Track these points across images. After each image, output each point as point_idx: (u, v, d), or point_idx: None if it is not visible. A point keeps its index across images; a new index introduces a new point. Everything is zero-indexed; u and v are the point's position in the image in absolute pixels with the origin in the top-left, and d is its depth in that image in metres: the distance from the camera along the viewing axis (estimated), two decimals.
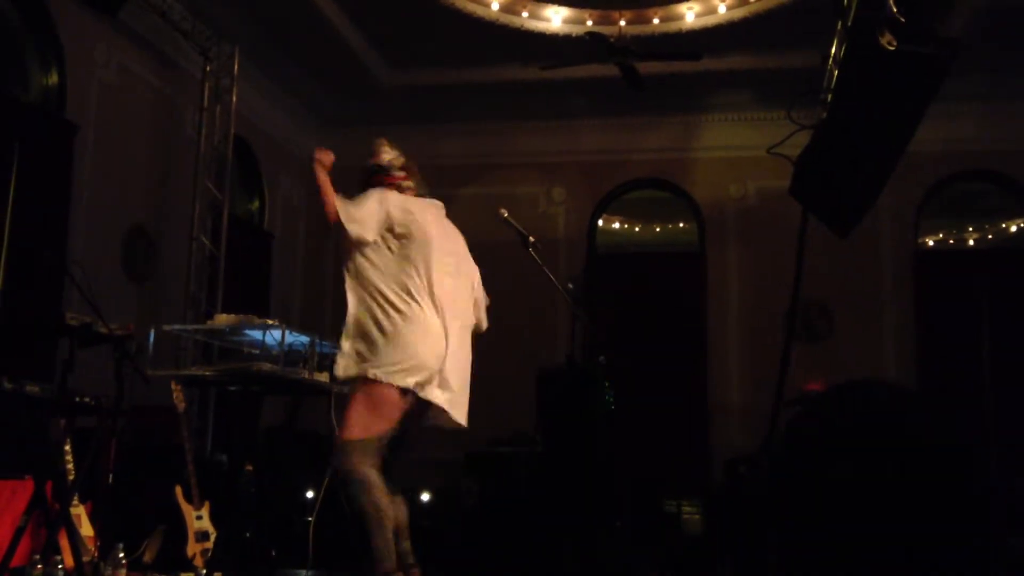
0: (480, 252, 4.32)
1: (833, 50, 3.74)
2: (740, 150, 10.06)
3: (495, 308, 4.54)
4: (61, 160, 7.09)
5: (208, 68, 8.53)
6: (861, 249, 9.02)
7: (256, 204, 10.34)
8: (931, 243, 10.56)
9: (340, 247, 4.10)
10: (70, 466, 4.71)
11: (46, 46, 7.18)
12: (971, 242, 10.76)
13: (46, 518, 4.46)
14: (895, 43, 3.06)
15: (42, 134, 6.94)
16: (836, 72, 3.64)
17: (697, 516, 7.68)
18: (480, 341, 4.60)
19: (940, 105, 3.60)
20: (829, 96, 3.75)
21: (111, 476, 5.06)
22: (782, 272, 4.93)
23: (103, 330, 4.51)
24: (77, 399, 4.53)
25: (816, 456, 3.68)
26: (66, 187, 7.12)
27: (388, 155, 4.45)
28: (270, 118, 10.14)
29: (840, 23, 3.56)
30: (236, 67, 8.57)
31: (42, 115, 7.12)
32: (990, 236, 10.61)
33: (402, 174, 4.35)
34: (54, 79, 7.24)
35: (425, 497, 8.12)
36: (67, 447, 4.69)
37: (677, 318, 10.35)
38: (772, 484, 4.02)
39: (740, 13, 8.71)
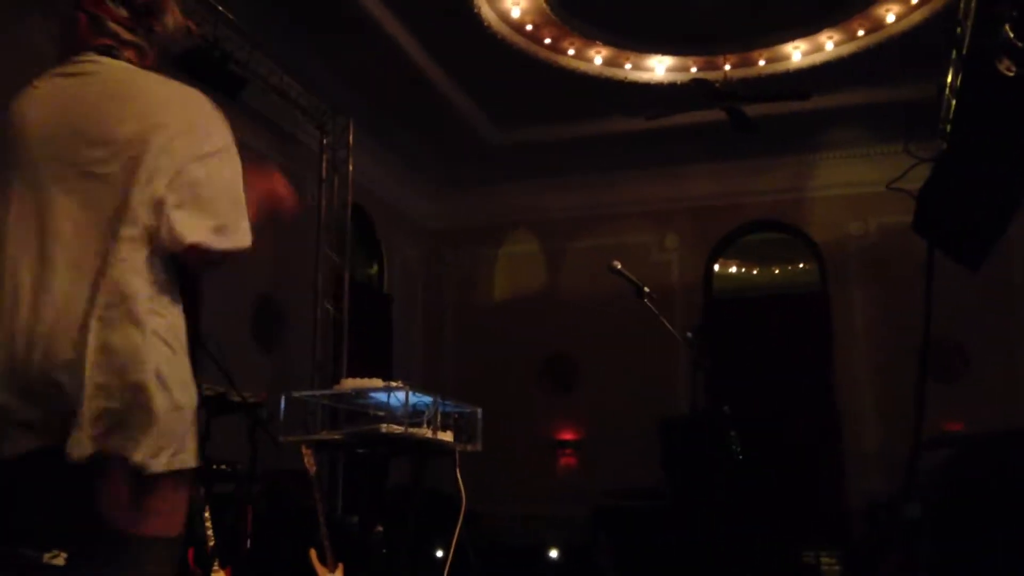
0: (594, 304, 4.32)
1: (949, 79, 3.64)
2: (858, 187, 9.84)
3: (615, 360, 4.52)
4: None
5: (325, 141, 8.85)
6: (994, 283, 8.66)
7: (375, 268, 10.60)
8: None
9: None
10: (210, 532, 4.86)
11: None
12: None
13: None
14: (1014, 69, 2.96)
15: None
16: (954, 102, 3.54)
17: (837, 567, 7.41)
18: (601, 392, 4.58)
19: None
20: (948, 127, 3.64)
21: (249, 541, 5.19)
22: (911, 310, 4.78)
23: (236, 399, 4.67)
24: (215, 467, 4.69)
25: (982, 502, 3.51)
26: None
27: None
28: (385, 184, 10.43)
29: (955, 52, 3.47)
30: (351, 138, 8.86)
31: None
32: None
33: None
34: None
35: (553, 554, 8.06)
36: (206, 513, 4.85)
37: (802, 361, 10.09)
38: (925, 530, 3.85)
39: (848, 49, 8.57)
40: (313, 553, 5.54)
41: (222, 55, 6.81)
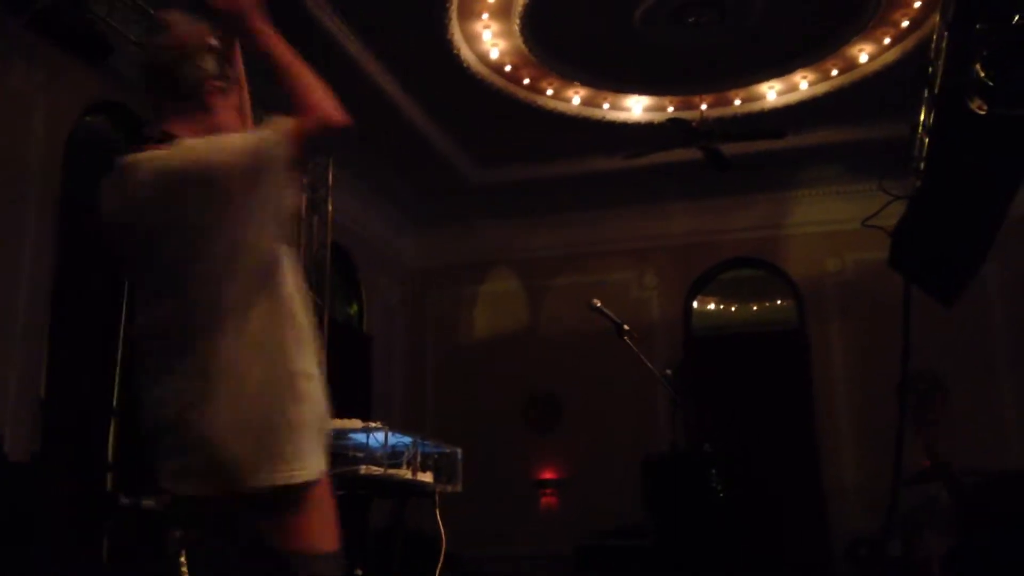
0: (575, 342, 4.30)
1: (922, 118, 3.69)
2: (834, 224, 9.92)
3: (596, 398, 4.51)
4: None
5: (304, 180, 8.85)
6: (971, 318, 8.73)
7: (355, 308, 10.57)
8: None
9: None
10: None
11: None
12: None
13: None
14: (985, 107, 3.00)
15: None
16: (927, 140, 3.58)
17: None
18: (582, 431, 4.58)
19: None
20: (921, 164, 3.69)
21: None
22: (889, 346, 4.79)
23: None
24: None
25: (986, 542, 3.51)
26: None
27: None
28: (365, 223, 10.43)
29: (927, 90, 3.52)
30: (331, 178, 8.87)
31: None
32: None
33: None
34: None
35: None
36: (182, 558, 4.77)
37: (782, 397, 10.11)
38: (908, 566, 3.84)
39: (822, 88, 8.69)
40: None
41: None
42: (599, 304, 4.79)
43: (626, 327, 4.85)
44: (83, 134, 6.80)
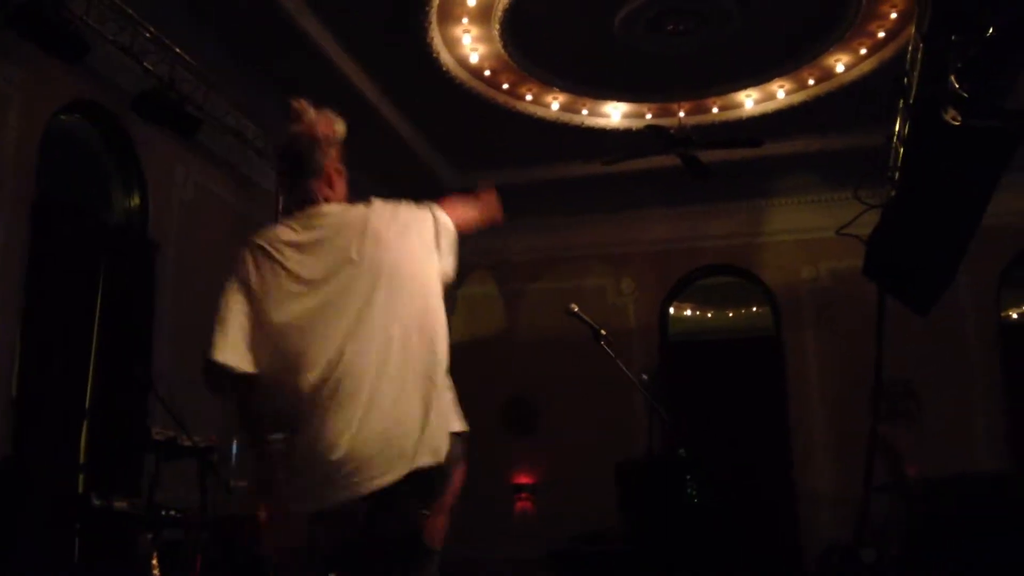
0: (552, 347, 4.30)
1: (897, 128, 3.73)
2: (810, 232, 10.00)
3: (573, 403, 4.52)
4: (144, 277, 7.32)
5: (277, 182, 8.81)
6: (943, 326, 8.80)
7: None
8: (1015, 316, 10.27)
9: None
10: None
11: (128, 169, 7.50)
12: None
13: None
14: (959, 118, 3.04)
15: (125, 253, 7.20)
16: (901, 150, 3.62)
17: None
18: (558, 436, 4.59)
19: (1015, 175, 3.55)
20: (896, 174, 3.73)
21: None
22: (863, 353, 4.84)
23: (187, 443, 4.59)
24: (164, 512, 4.60)
25: (937, 547, 3.54)
26: (149, 304, 7.34)
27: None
28: None
29: (902, 101, 3.56)
30: None
31: (125, 235, 7.39)
32: None
33: None
34: (136, 200, 7.54)
35: None
36: (154, 560, 4.74)
37: (757, 404, 10.16)
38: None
39: (799, 97, 8.75)
40: None
41: (178, 97, 6.78)
42: (576, 309, 4.78)
43: (603, 332, 4.86)
44: (58, 132, 6.75)
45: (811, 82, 8.54)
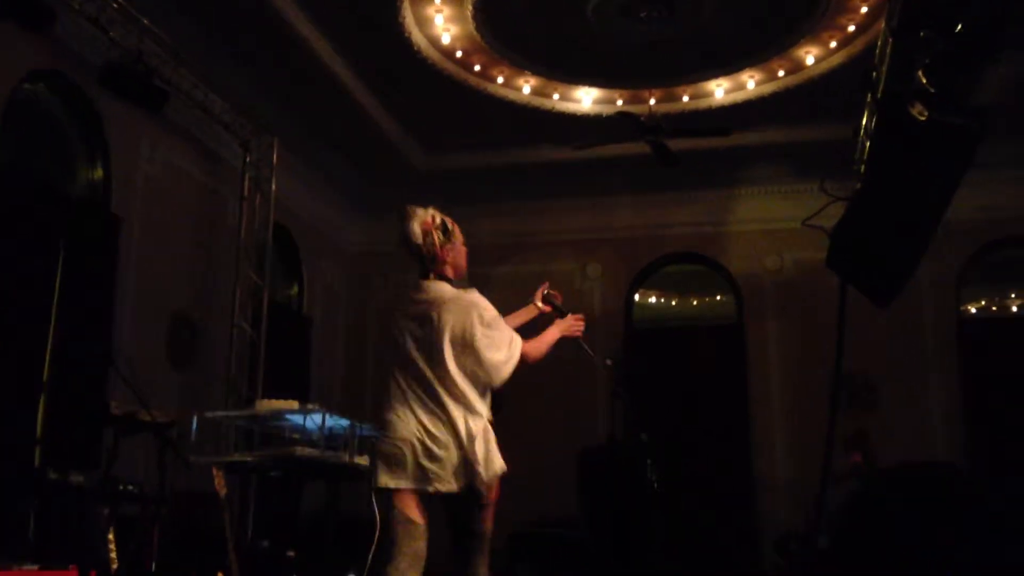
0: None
1: (864, 121, 3.76)
2: (775, 222, 10.06)
3: (536, 388, 4.55)
4: (106, 252, 7.24)
5: (248, 159, 8.73)
6: (903, 319, 8.93)
7: (295, 289, 10.46)
8: (973, 311, 10.43)
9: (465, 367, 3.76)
10: (113, 555, 4.71)
11: (92, 141, 7.40)
12: (1014, 308, 10.61)
13: None
14: (926, 114, 3.07)
15: (88, 227, 7.10)
16: (868, 144, 3.65)
17: None
18: (521, 420, 4.63)
19: (977, 173, 3.59)
20: (862, 167, 3.76)
21: (154, 564, 5.05)
22: (824, 344, 4.88)
23: (146, 418, 4.55)
24: (121, 487, 4.56)
25: (888, 537, 3.58)
26: (111, 278, 7.26)
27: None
28: (309, 205, 10.32)
29: (870, 95, 3.59)
30: (275, 157, 8.76)
31: (88, 208, 7.30)
32: None
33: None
34: (99, 173, 7.44)
35: None
36: (110, 535, 4.70)
37: (718, 392, 10.25)
38: (833, 563, 3.91)
39: (769, 88, 8.80)
40: None
41: (146, 69, 6.69)
42: (548, 291, 4.62)
43: (570, 315, 4.84)
44: (22, 102, 6.65)
45: (781, 73, 8.60)
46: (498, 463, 3.78)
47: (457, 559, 3.80)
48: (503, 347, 3.72)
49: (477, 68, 8.57)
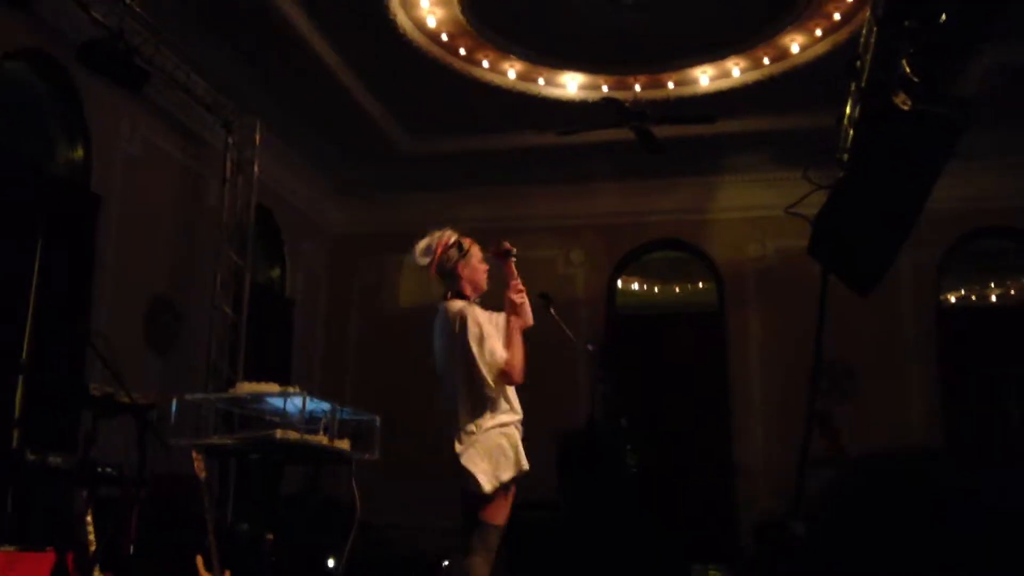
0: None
1: (848, 110, 3.76)
2: (758, 210, 10.08)
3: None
4: (85, 232, 7.19)
5: (230, 140, 8.67)
6: (883, 307, 8.97)
7: (277, 272, 10.42)
8: (953, 300, 10.50)
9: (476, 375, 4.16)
10: (91, 537, 4.69)
11: (72, 120, 7.33)
12: (993, 298, 10.68)
13: None
14: (909, 103, 3.08)
15: (67, 207, 7.05)
16: (851, 132, 3.66)
17: None
18: None
19: (958, 163, 3.60)
20: (845, 156, 3.76)
21: (132, 546, 5.04)
22: (804, 331, 4.90)
23: (125, 400, 4.52)
24: (99, 469, 4.54)
25: (867, 525, 3.60)
26: (90, 259, 7.21)
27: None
28: (291, 187, 10.28)
29: (854, 84, 3.59)
30: (258, 139, 8.71)
31: (67, 188, 7.24)
32: (1012, 292, 10.53)
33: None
34: (79, 153, 7.38)
35: (447, 564, 8.02)
36: (88, 517, 4.68)
37: (699, 378, 10.29)
38: (810, 551, 3.93)
39: (754, 76, 8.80)
40: (200, 560, 5.39)
41: (127, 48, 6.62)
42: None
43: (550, 299, 4.86)
44: (1, 80, 6.57)
45: (766, 61, 8.60)
46: (503, 473, 4.19)
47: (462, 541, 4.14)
48: (487, 354, 4.09)
49: (462, 52, 8.52)
